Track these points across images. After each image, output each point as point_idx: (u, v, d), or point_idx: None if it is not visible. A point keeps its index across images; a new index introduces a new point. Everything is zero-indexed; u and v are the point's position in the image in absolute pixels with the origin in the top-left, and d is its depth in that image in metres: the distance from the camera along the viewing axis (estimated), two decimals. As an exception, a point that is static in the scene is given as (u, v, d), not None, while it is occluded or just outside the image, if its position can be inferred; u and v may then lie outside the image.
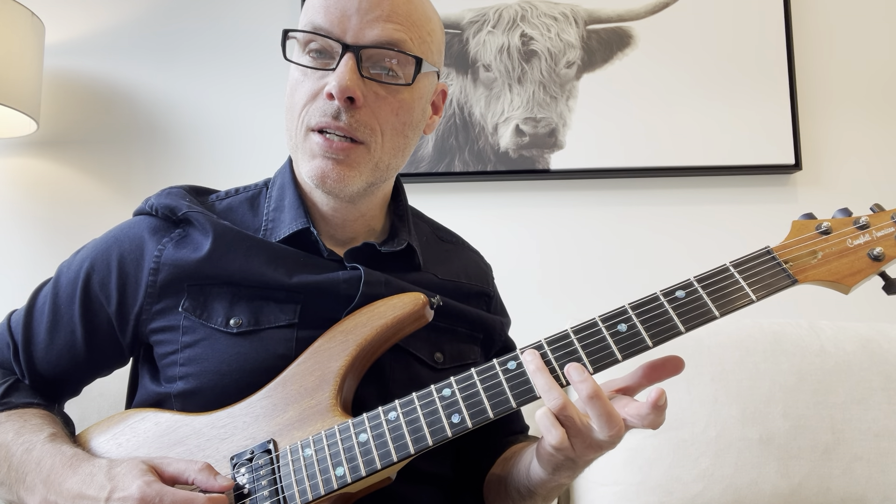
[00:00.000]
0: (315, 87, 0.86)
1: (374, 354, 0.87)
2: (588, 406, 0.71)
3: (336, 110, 0.85)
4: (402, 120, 0.90)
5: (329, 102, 0.85)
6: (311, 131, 0.87)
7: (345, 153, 0.86)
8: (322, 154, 0.86)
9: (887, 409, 1.34)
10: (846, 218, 0.80)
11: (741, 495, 1.29)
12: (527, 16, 1.84)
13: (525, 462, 0.88)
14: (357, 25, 0.85)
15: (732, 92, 1.79)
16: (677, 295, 0.77)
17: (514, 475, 0.91)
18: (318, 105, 0.86)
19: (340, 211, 0.95)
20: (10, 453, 0.83)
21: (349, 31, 0.85)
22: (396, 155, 0.92)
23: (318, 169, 0.87)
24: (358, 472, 0.76)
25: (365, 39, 0.85)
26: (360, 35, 0.85)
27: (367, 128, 0.86)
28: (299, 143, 0.89)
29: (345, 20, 0.85)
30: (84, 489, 0.75)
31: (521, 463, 0.90)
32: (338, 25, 0.85)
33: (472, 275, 1.07)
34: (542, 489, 0.86)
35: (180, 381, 0.87)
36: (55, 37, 1.93)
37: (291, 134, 0.90)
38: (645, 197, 1.82)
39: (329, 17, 0.85)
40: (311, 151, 0.87)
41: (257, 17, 1.95)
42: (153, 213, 0.95)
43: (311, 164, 0.87)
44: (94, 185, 1.92)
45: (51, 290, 0.95)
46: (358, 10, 0.85)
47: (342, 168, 0.86)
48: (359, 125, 0.86)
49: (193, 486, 0.76)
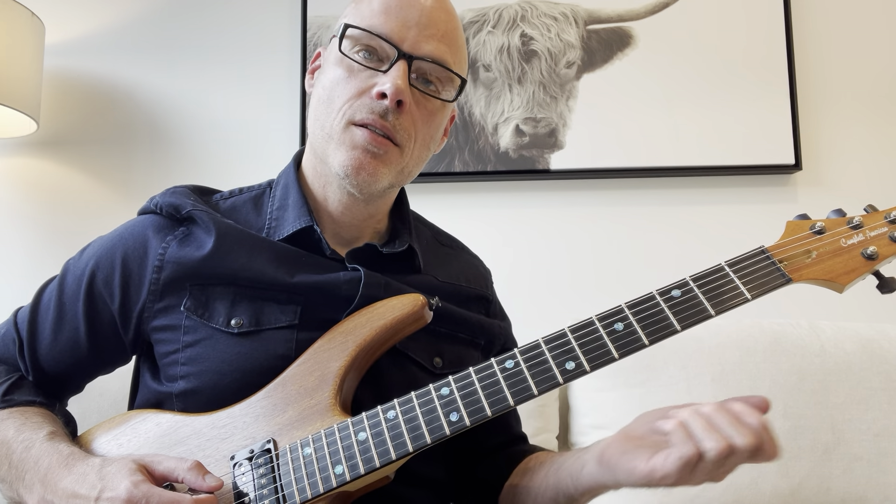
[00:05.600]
0: (363, 85, 0.90)
1: (373, 355, 0.87)
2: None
3: (384, 110, 0.88)
4: (430, 133, 0.95)
5: (378, 102, 0.88)
6: (354, 125, 0.90)
7: (384, 149, 0.90)
8: (363, 146, 0.89)
9: (887, 409, 1.34)
10: (840, 218, 0.82)
11: (741, 495, 1.29)
12: (527, 16, 1.84)
13: (567, 472, 0.86)
14: (415, 37, 0.90)
15: (732, 92, 1.79)
16: (673, 294, 0.78)
17: (549, 484, 0.89)
18: (364, 102, 0.89)
19: (352, 209, 0.96)
20: (10, 450, 0.84)
21: (406, 41, 0.90)
22: (418, 164, 0.97)
23: (355, 159, 0.89)
24: (357, 471, 0.76)
25: (420, 52, 0.90)
26: (415, 46, 0.90)
27: (405, 132, 0.91)
28: (335, 135, 0.91)
29: (404, 30, 0.90)
30: (77, 488, 0.76)
31: (560, 474, 0.87)
32: (397, 33, 0.90)
33: (471, 278, 1.07)
34: (588, 495, 0.85)
35: (181, 380, 0.88)
36: (55, 37, 1.93)
37: (325, 124, 0.92)
38: (645, 197, 1.82)
39: (390, 24, 0.90)
40: (351, 142, 0.90)
41: (257, 17, 1.95)
42: (158, 212, 0.95)
43: (348, 154, 0.90)
44: (93, 185, 1.93)
45: (56, 287, 0.96)
46: (418, 23, 0.90)
47: (377, 163, 0.90)
48: (401, 128, 0.90)
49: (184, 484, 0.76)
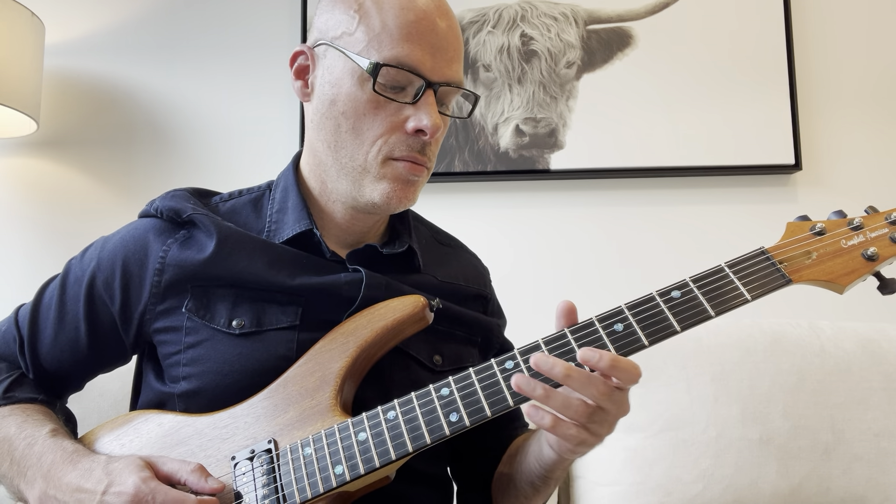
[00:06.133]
0: (394, 120, 0.88)
1: (374, 356, 0.88)
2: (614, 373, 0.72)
3: (422, 145, 0.89)
4: (440, 145, 0.97)
5: (414, 137, 0.88)
6: (393, 160, 0.90)
7: (421, 175, 0.92)
8: (407, 176, 0.90)
9: (887, 409, 1.34)
10: (840, 219, 0.82)
11: (741, 495, 1.29)
12: (527, 16, 1.84)
13: (533, 454, 0.89)
14: (437, 64, 0.88)
15: (732, 92, 1.79)
16: (673, 295, 0.78)
17: (524, 468, 0.92)
18: (400, 138, 0.88)
19: (358, 219, 0.97)
20: (12, 447, 0.85)
21: (432, 70, 0.88)
22: None
23: (395, 192, 0.90)
24: (357, 471, 0.76)
25: (443, 77, 0.89)
26: (438, 73, 0.88)
27: (434, 156, 0.93)
28: (372, 169, 0.90)
29: (428, 58, 0.87)
30: (82, 483, 0.77)
31: (530, 455, 0.90)
32: (423, 63, 0.87)
33: (469, 277, 1.08)
34: (558, 470, 0.87)
35: (183, 381, 0.88)
36: (55, 37, 1.93)
37: (356, 156, 0.90)
38: (645, 197, 1.82)
39: (416, 54, 0.87)
40: (393, 176, 0.90)
41: (258, 17, 1.95)
42: (158, 216, 0.96)
43: (390, 186, 0.90)
44: (93, 185, 1.93)
45: (58, 286, 0.96)
46: (438, 47, 0.88)
47: (413, 189, 0.92)
48: (432, 155, 0.92)
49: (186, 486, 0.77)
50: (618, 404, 0.74)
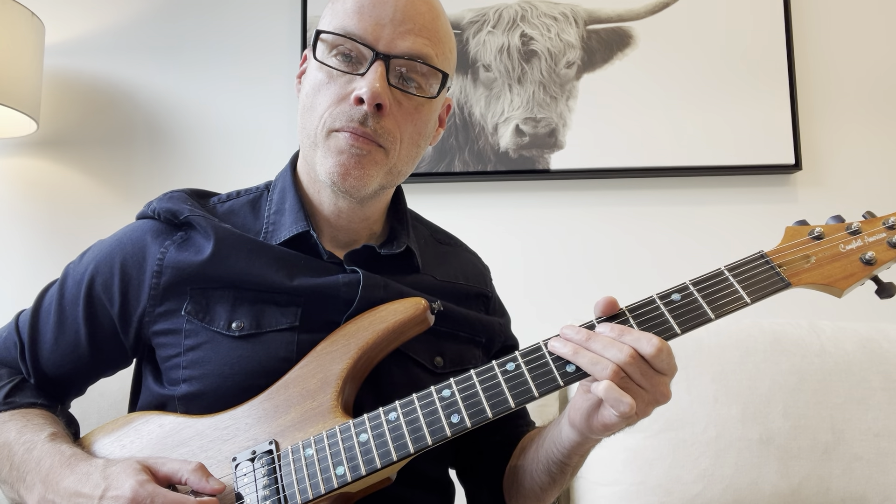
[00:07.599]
0: (341, 91, 0.88)
1: (375, 358, 0.88)
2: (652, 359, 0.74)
3: (363, 116, 0.86)
4: (418, 130, 0.92)
5: (356, 107, 0.86)
6: (335, 132, 0.88)
7: (367, 148, 0.88)
8: (347, 149, 0.87)
9: (887, 409, 1.34)
10: (838, 224, 0.83)
11: (741, 495, 1.29)
12: (527, 16, 1.84)
13: (552, 438, 0.89)
14: (390, 35, 0.87)
15: (732, 92, 1.79)
16: (673, 298, 0.79)
17: (541, 455, 0.92)
18: (343, 109, 0.87)
19: (346, 213, 0.96)
20: (12, 452, 0.84)
21: (381, 40, 0.87)
22: (409, 163, 0.95)
23: (340, 166, 0.88)
24: (358, 472, 0.76)
25: (396, 50, 0.87)
26: (391, 45, 0.87)
27: (389, 135, 0.88)
28: (320, 143, 0.90)
29: (378, 28, 0.87)
30: (80, 487, 0.77)
31: (547, 441, 0.90)
32: (371, 33, 0.87)
33: (469, 276, 1.08)
34: (575, 456, 0.87)
35: (183, 383, 0.88)
36: (55, 37, 1.93)
37: (310, 133, 0.91)
38: (645, 197, 1.82)
39: (363, 24, 0.87)
40: (336, 148, 0.88)
41: (257, 17, 1.95)
42: (155, 217, 0.96)
43: (334, 160, 0.88)
44: (93, 185, 1.93)
45: (57, 291, 0.96)
46: (392, 20, 0.87)
47: (363, 166, 0.88)
48: (383, 132, 0.88)
49: (187, 486, 0.77)
50: (651, 382, 0.75)
